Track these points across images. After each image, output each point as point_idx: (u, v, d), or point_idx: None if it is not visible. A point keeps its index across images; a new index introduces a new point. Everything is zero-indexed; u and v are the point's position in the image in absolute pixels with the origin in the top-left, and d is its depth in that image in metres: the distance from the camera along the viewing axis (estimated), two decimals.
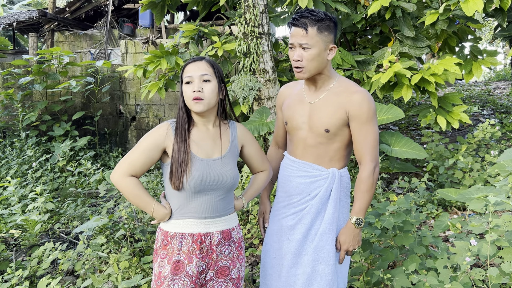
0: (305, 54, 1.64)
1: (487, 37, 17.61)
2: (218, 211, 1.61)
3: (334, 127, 1.69)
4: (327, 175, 1.73)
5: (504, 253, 1.82)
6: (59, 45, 10.56)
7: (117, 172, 1.55)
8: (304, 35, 1.62)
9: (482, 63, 4.42)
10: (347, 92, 1.69)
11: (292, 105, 1.80)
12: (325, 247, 1.71)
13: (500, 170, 2.59)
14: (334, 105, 1.69)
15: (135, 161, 1.55)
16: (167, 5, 5.61)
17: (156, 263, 1.58)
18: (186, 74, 1.58)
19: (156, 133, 1.58)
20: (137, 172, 1.55)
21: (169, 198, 1.62)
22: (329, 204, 1.72)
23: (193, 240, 1.56)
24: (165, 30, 9.78)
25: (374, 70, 4.26)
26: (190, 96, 1.56)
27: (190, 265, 1.54)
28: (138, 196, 1.55)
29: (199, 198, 1.57)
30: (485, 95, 10.69)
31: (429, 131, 4.57)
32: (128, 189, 1.54)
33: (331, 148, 1.73)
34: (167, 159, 1.59)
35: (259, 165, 1.80)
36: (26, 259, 3.11)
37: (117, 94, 7.29)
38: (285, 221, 1.80)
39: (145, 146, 1.56)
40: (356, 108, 1.66)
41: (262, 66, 4.31)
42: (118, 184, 1.54)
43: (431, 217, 3.60)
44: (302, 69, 1.66)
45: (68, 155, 5.46)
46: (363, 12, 4.52)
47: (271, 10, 5.11)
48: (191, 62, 1.61)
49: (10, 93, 6.43)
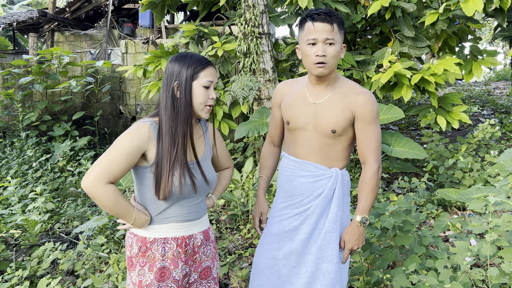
0: (329, 49, 1.63)
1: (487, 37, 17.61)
2: (199, 213, 1.58)
3: (340, 127, 1.69)
4: (330, 175, 1.74)
5: (504, 253, 1.82)
6: (59, 45, 10.56)
7: (92, 179, 1.35)
8: (331, 30, 1.62)
9: (482, 63, 4.42)
10: (353, 93, 1.70)
11: (294, 104, 1.78)
12: (329, 245, 1.71)
13: (500, 170, 2.59)
14: (340, 105, 1.69)
15: (114, 166, 1.37)
16: (167, 5, 5.61)
17: (134, 272, 1.47)
18: (208, 78, 1.48)
19: (137, 135, 1.41)
20: (116, 178, 1.39)
21: (146, 203, 1.50)
22: (333, 203, 1.73)
23: (177, 244, 1.50)
24: (165, 30, 9.79)
25: (374, 70, 4.26)
26: (206, 101, 1.49)
27: (176, 270, 1.49)
28: (118, 205, 1.39)
29: (182, 202, 1.50)
30: (485, 95, 10.70)
31: (429, 131, 4.57)
32: (107, 198, 1.36)
33: (335, 149, 1.74)
34: (144, 162, 1.45)
35: (225, 163, 1.78)
36: (26, 259, 3.11)
37: (117, 94, 7.30)
38: (287, 222, 1.78)
39: (126, 149, 1.39)
40: (362, 108, 1.67)
41: (262, 66, 4.31)
42: (94, 193, 1.35)
43: (431, 217, 3.60)
44: (325, 64, 1.64)
45: (68, 155, 5.46)
46: (363, 12, 4.52)
47: (271, 10, 5.11)
48: (210, 64, 1.50)
49: (10, 93, 6.43)
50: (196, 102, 1.48)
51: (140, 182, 1.49)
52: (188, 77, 1.45)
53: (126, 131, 1.44)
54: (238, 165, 5.13)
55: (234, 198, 3.58)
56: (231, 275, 2.86)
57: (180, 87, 1.45)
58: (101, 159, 1.39)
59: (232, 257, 2.97)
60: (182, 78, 1.45)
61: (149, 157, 1.44)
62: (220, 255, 3.11)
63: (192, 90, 1.46)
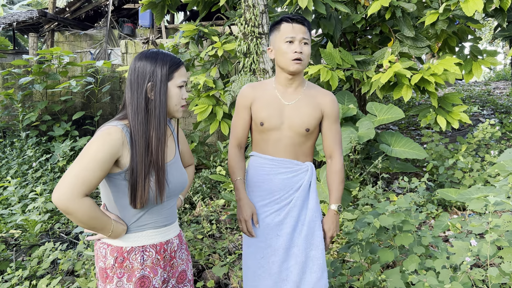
0: (305, 48, 1.78)
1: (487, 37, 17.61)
2: (173, 217, 1.53)
3: (313, 126, 1.85)
4: (306, 168, 1.88)
5: (504, 253, 1.82)
6: (59, 45, 10.56)
7: (66, 193, 1.22)
8: (305, 31, 1.78)
9: (482, 63, 4.42)
10: (320, 94, 1.88)
11: (267, 106, 1.84)
12: (314, 233, 1.83)
13: (500, 170, 2.59)
14: (311, 105, 1.85)
15: (89, 177, 1.25)
16: (167, 5, 5.61)
17: (112, 285, 1.38)
18: (182, 78, 1.43)
19: (111, 141, 1.30)
20: (90, 190, 1.27)
21: (119, 212, 1.41)
22: (311, 193, 1.87)
23: (156, 251, 1.44)
24: (165, 30, 9.79)
25: (374, 70, 4.26)
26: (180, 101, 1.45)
27: (156, 278, 1.43)
28: (96, 218, 1.29)
29: (157, 207, 1.44)
30: (485, 95, 10.70)
31: (429, 131, 4.57)
32: (84, 213, 1.25)
33: (306, 145, 1.88)
34: (116, 169, 1.35)
35: (189, 160, 1.75)
36: (26, 259, 3.11)
37: (117, 94, 7.30)
38: (270, 219, 1.83)
39: (99, 158, 1.27)
40: (330, 108, 1.87)
41: (262, 66, 4.31)
42: (70, 209, 1.22)
43: (431, 217, 3.60)
44: (301, 61, 1.77)
45: (68, 155, 5.46)
46: (363, 12, 4.52)
47: (271, 10, 5.11)
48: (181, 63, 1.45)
49: (10, 93, 6.43)
50: (171, 103, 1.42)
51: (113, 190, 1.39)
52: (164, 78, 1.37)
53: (94, 136, 1.32)
54: None
55: (234, 198, 3.58)
56: (231, 275, 2.86)
57: (155, 88, 1.37)
58: (71, 170, 1.25)
59: (232, 257, 2.97)
60: (157, 79, 1.37)
61: (122, 163, 1.34)
62: (220, 255, 3.11)
63: (167, 91, 1.39)
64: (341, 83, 4.45)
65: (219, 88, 4.76)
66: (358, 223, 2.39)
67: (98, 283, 1.46)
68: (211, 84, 4.73)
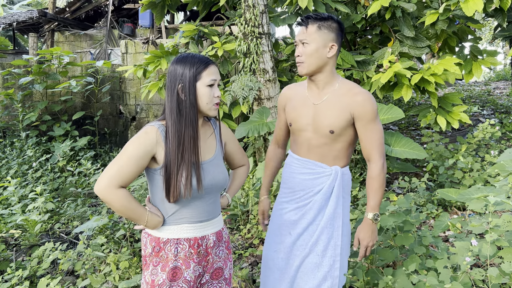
0: (304, 49, 1.73)
1: (487, 37, 17.62)
2: (212, 214, 1.58)
3: (339, 128, 1.74)
4: (330, 172, 1.79)
5: (504, 253, 1.82)
6: (59, 45, 10.56)
7: (104, 184, 1.39)
8: (304, 31, 1.73)
9: (482, 63, 4.42)
10: (350, 94, 1.74)
11: (297, 107, 1.85)
12: (323, 240, 1.80)
13: (500, 170, 2.59)
14: (338, 106, 1.74)
15: (125, 171, 1.40)
16: (167, 5, 5.61)
17: (148, 271, 1.50)
18: (211, 77, 1.49)
19: (146, 139, 1.43)
20: (127, 182, 1.41)
21: (158, 204, 1.52)
22: (331, 200, 1.79)
23: (189, 245, 1.51)
24: (165, 30, 9.79)
25: (374, 70, 4.26)
26: (212, 100, 1.50)
27: (188, 270, 1.50)
28: (131, 209, 1.42)
29: (193, 203, 1.51)
30: (485, 95, 10.70)
31: (429, 131, 4.57)
32: (120, 202, 1.40)
33: (334, 148, 1.79)
34: (154, 165, 1.47)
35: (240, 160, 1.79)
36: (26, 259, 3.11)
37: (117, 94, 7.30)
38: (287, 216, 1.86)
39: (135, 154, 1.41)
40: (360, 109, 1.71)
41: (262, 66, 4.31)
42: (107, 197, 1.39)
43: (431, 217, 3.60)
44: (301, 64, 1.75)
45: (68, 155, 5.46)
46: (363, 12, 4.52)
47: (271, 10, 5.11)
48: (211, 63, 1.51)
49: (10, 93, 6.43)
50: (202, 102, 1.48)
51: (152, 184, 1.51)
52: (191, 78, 1.46)
53: (135, 135, 1.46)
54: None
55: (234, 198, 3.58)
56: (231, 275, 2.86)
57: (184, 89, 1.46)
58: (111, 164, 1.42)
59: (232, 257, 2.97)
60: (186, 80, 1.46)
61: (158, 160, 1.46)
62: None
63: (196, 91, 1.47)
64: None
65: (219, 88, 4.76)
66: (359, 223, 2.39)
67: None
68: None
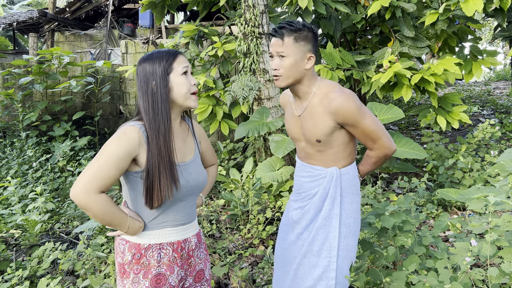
0: (282, 63, 1.68)
1: (487, 37, 17.62)
2: (192, 216, 1.54)
3: (324, 136, 1.72)
4: (325, 174, 1.79)
5: (504, 253, 1.82)
6: (59, 45, 10.56)
7: (83, 190, 1.27)
8: (280, 44, 1.68)
9: (482, 63, 4.43)
10: (326, 101, 1.68)
11: (288, 117, 1.91)
12: (318, 240, 1.82)
13: (500, 170, 2.59)
14: (317, 115, 1.71)
15: (103, 174, 1.29)
16: (167, 5, 5.61)
17: (128, 280, 1.42)
18: (183, 65, 1.42)
19: (127, 140, 1.33)
20: (107, 187, 1.31)
21: (139, 209, 1.43)
22: (326, 201, 1.80)
23: (173, 249, 1.46)
24: (165, 30, 9.79)
25: (374, 70, 4.26)
26: (189, 88, 1.43)
27: (172, 276, 1.45)
28: (111, 214, 1.33)
29: (176, 206, 1.45)
30: (485, 95, 10.70)
31: (429, 131, 4.57)
32: (98, 208, 1.29)
33: (329, 153, 1.78)
34: (135, 167, 1.39)
35: (211, 159, 1.75)
36: (26, 259, 3.11)
37: (117, 94, 7.30)
38: (292, 214, 1.92)
39: (116, 156, 1.31)
40: (341, 114, 1.65)
41: (262, 66, 4.31)
42: (86, 204, 1.28)
43: (431, 217, 3.60)
44: (279, 77, 1.71)
45: (68, 155, 5.46)
46: (363, 12, 4.52)
47: (271, 10, 5.11)
48: (178, 53, 1.45)
49: (10, 93, 6.43)
50: (180, 92, 1.41)
51: (132, 188, 1.42)
52: (163, 73, 1.40)
53: (113, 136, 1.35)
54: (238, 165, 5.13)
55: (234, 198, 3.58)
56: (231, 275, 2.86)
57: (157, 84, 1.39)
58: (89, 167, 1.31)
59: (232, 257, 2.97)
60: (157, 76, 1.39)
61: (140, 162, 1.38)
62: (220, 255, 3.11)
63: (168, 84, 1.40)
64: (341, 83, 4.45)
65: (219, 88, 4.76)
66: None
67: (117, 278, 1.49)
68: (211, 84, 4.73)
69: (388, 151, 1.76)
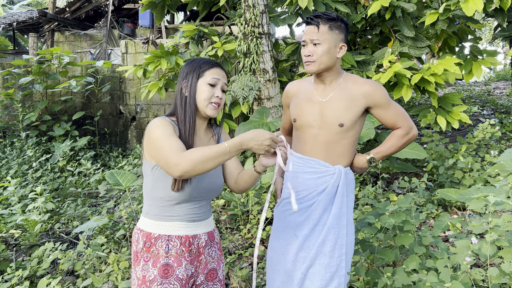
0: (316, 49, 1.76)
1: (487, 37, 17.62)
2: (204, 215, 1.59)
3: (348, 120, 1.78)
4: (333, 171, 1.80)
5: (504, 253, 1.82)
6: (59, 45, 10.56)
7: (178, 157, 1.36)
8: (316, 31, 1.76)
9: (482, 63, 4.42)
10: (357, 86, 1.80)
11: (302, 103, 1.87)
12: (330, 240, 1.78)
13: (500, 170, 2.59)
14: (346, 100, 1.79)
15: (175, 143, 1.40)
16: (167, 5, 5.61)
17: (139, 267, 1.50)
18: (213, 76, 1.53)
19: (168, 123, 1.47)
20: (184, 149, 1.42)
21: (156, 200, 1.52)
22: (336, 199, 1.80)
23: (181, 242, 1.51)
24: (165, 30, 9.79)
25: (374, 70, 4.26)
26: (210, 98, 1.53)
27: (180, 268, 1.50)
28: (208, 148, 1.37)
29: (186, 203, 1.52)
30: (485, 95, 10.70)
31: (429, 131, 4.57)
32: (198, 152, 1.35)
33: (341, 144, 1.81)
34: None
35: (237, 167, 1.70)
36: (26, 259, 3.11)
37: (117, 94, 7.30)
38: (292, 218, 1.85)
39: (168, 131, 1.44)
40: (373, 96, 1.78)
41: (262, 66, 4.31)
42: (190, 160, 1.34)
43: (431, 217, 3.60)
44: (312, 63, 1.77)
45: (68, 155, 5.46)
46: (363, 12, 4.52)
47: (271, 10, 5.11)
48: (217, 65, 1.56)
49: (10, 93, 6.43)
50: (200, 98, 1.53)
51: (154, 178, 1.50)
52: (194, 76, 1.54)
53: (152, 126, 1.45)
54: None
55: (234, 198, 3.58)
56: (231, 275, 2.86)
57: (187, 85, 1.54)
58: (162, 148, 1.40)
59: (232, 257, 2.97)
60: (189, 77, 1.54)
61: None
62: None
63: (196, 87, 1.53)
64: None
65: None
66: (359, 223, 2.39)
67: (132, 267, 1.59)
68: None
69: (415, 131, 1.84)
